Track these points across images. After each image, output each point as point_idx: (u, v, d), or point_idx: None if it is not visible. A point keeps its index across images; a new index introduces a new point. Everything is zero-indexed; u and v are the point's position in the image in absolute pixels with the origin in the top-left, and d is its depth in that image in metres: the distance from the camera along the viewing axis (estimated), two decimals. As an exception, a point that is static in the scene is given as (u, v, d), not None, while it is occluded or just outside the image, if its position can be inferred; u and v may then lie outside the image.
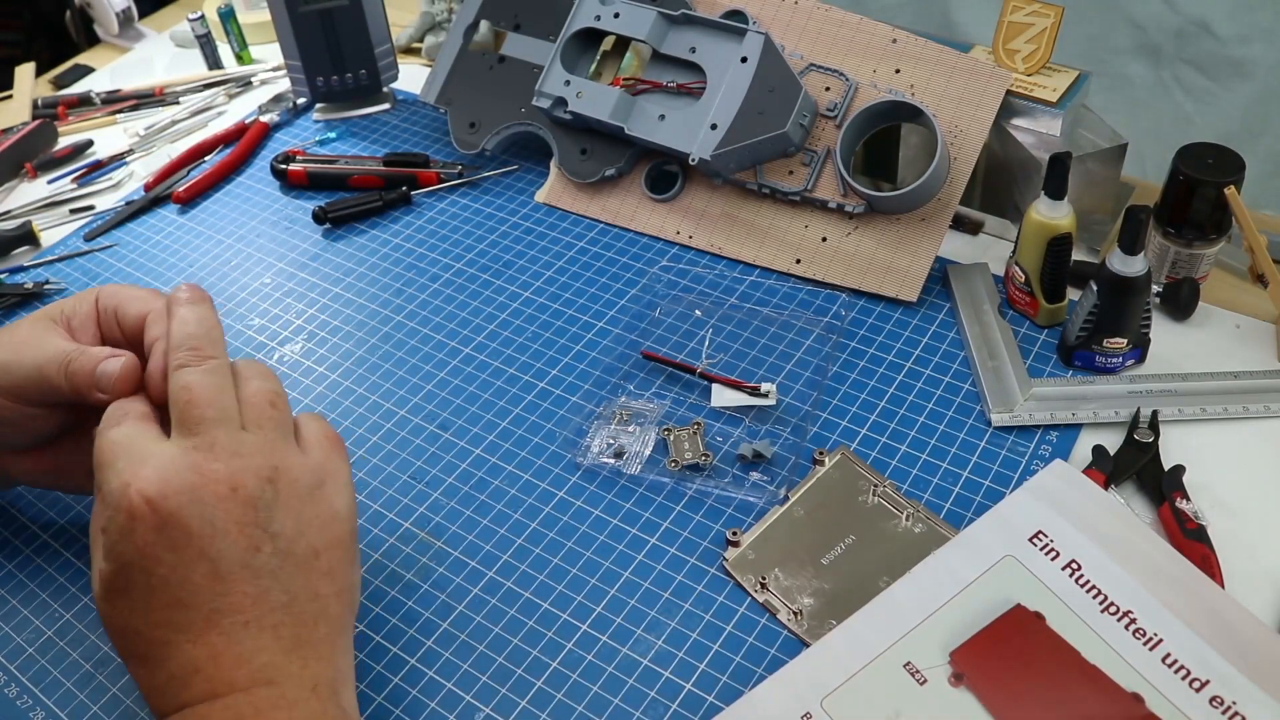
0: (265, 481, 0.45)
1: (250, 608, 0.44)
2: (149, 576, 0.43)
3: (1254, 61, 1.14)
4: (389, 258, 0.79)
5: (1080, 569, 0.51)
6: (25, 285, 0.79)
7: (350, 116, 0.95)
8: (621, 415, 0.63)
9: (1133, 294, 0.60)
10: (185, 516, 0.43)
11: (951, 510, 0.57)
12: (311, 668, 0.44)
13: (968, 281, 0.70)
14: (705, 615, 0.54)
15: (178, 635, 0.43)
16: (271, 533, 0.45)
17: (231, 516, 0.44)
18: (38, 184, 0.93)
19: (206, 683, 0.43)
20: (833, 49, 0.74)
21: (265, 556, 0.44)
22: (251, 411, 0.47)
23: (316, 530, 0.46)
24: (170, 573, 0.43)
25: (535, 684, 0.51)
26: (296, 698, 0.44)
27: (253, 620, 0.44)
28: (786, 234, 0.74)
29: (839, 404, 0.64)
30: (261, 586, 0.44)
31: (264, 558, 0.44)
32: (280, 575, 0.45)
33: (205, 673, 0.43)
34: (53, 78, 1.11)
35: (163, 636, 0.43)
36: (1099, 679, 0.47)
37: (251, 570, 0.44)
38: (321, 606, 0.46)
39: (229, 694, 0.43)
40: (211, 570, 0.43)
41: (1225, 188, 0.63)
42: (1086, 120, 0.71)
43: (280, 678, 0.44)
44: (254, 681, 0.43)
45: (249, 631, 0.44)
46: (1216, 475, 0.58)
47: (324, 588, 0.46)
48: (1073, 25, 0.72)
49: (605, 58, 0.82)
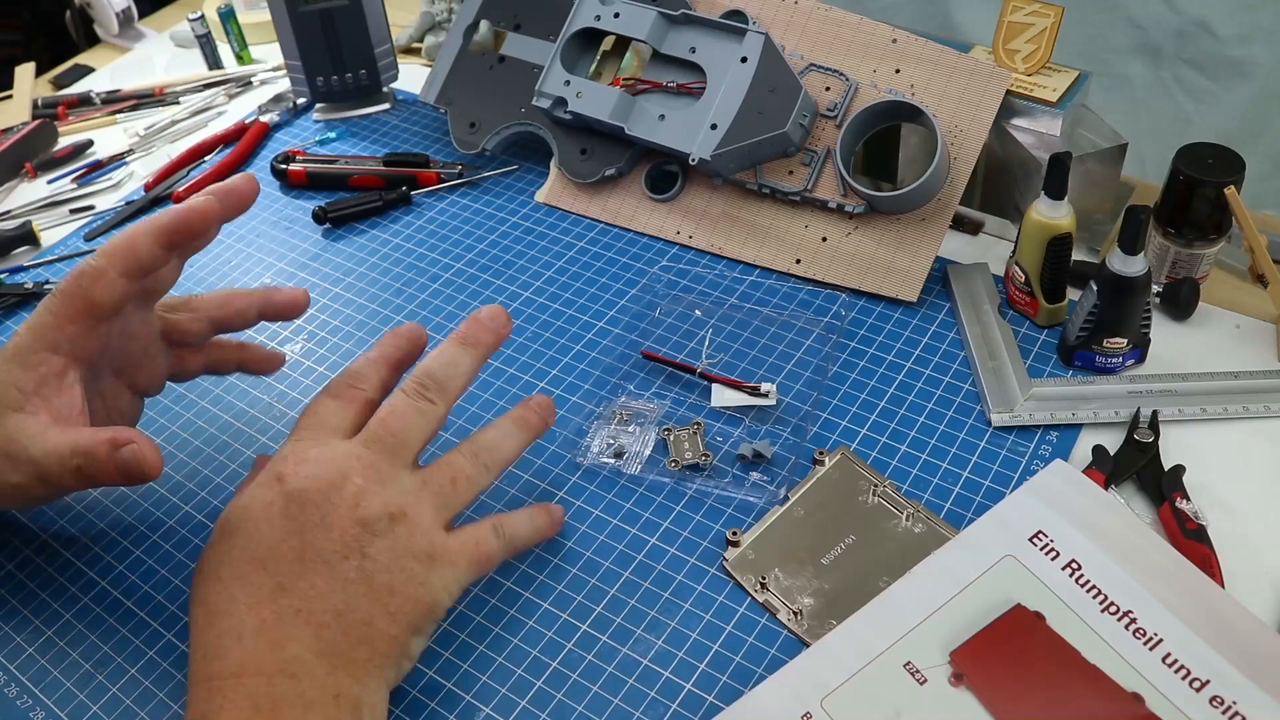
0: (387, 516, 0.48)
1: (310, 598, 0.46)
2: (255, 528, 0.47)
3: (1254, 61, 1.14)
4: (389, 258, 0.79)
5: (1080, 569, 0.51)
6: (25, 285, 0.79)
7: (350, 116, 0.95)
8: (621, 415, 0.63)
9: (1133, 294, 0.60)
10: (307, 499, 0.47)
11: (951, 510, 0.57)
12: (339, 678, 0.45)
13: (968, 281, 0.70)
14: (705, 615, 0.54)
15: (244, 595, 0.46)
16: (365, 553, 0.47)
17: (341, 522, 0.47)
18: (38, 184, 0.93)
19: (240, 656, 0.44)
20: (833, 49, 0.74)
21: (348, 566, 0.47)
22: (430, 472, 0.51)
23: (404, 579, 0.48)
24: (270, 532, 0.47)
25: (535, 684, 0.51)
26: (314, 699, 0.44)
27: (304, 611, 0.45)
28: (786, 234, 0.74)
29: (839, 404, 0.64)
30: (329, 586, 0.46)
31: (347, 566, 0.47)
32: (350, 588, 0.46)
33: (245, 643, 0.45)
34: (53, 78, 1.12)
35: (232, 592, 0.46)
36: (1099, 679, 0.47)
37: (330, 568, 0.46)
38: (369, 634, 0.47)
39: (254, 675, 0.44)
40: (299, 549, 0.46)
41: (1225, 188, 0.63)
42: (1086, 120, 0.71)
43: (304, 675, 0.44)
44: (279, 670, 0.44)
45: (296, 620, 0.45)
46: (1216, 475, 0.58)
47: (380, 621, 0.47)
48: (1073, 25, 0.72)
49: (605, 58, 0.82)
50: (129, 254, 0.52)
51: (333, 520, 0.47)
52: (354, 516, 0.47)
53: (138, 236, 0.52)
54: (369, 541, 0.47)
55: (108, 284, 0.52)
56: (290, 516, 0.47)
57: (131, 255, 0.52)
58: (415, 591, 0.48)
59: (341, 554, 0.47)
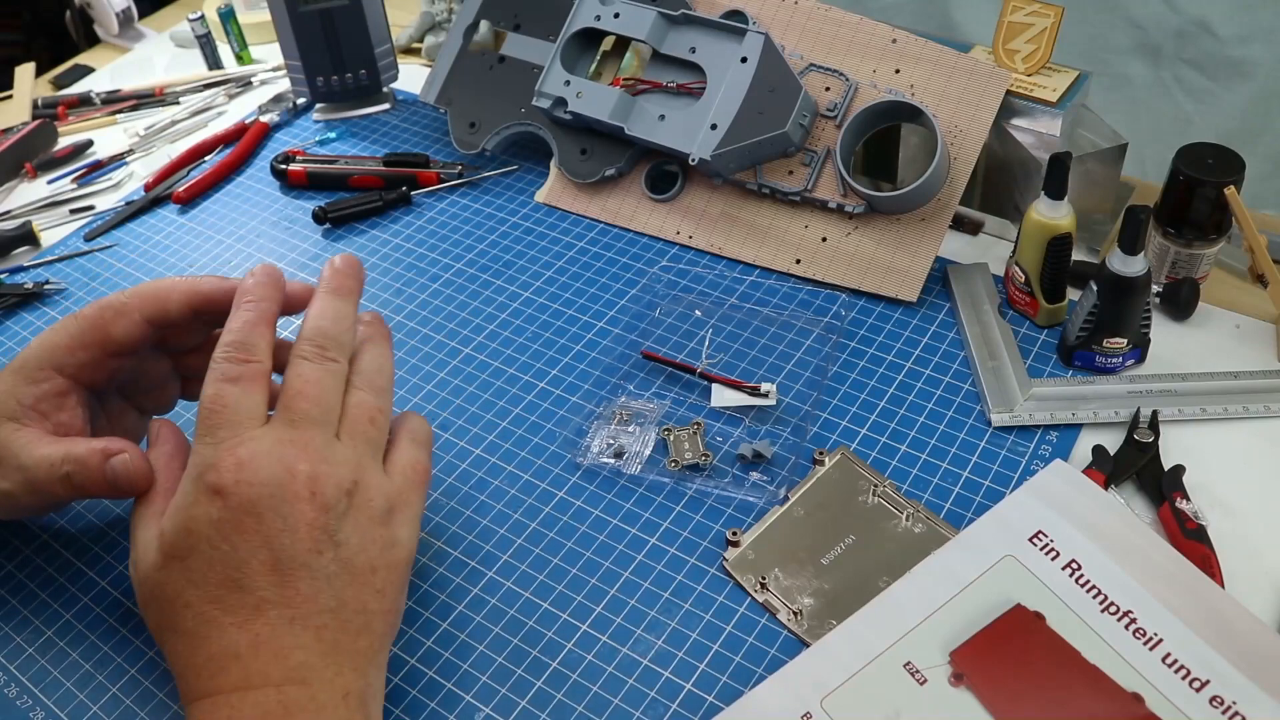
0: (344, 493, 0.46)
1: (299, 605, 0.44)
2: (212, 550, 0.44)
3: (1254, 61, 1.14)
4: (389, 258, 0.79)
5: (1080, 569, 0.51)
6: (25, 285, 0.79)
7: (350, 116, 0.95)
8: (621, 415, 0.63)
9: (1133, 294, 0.60)
10: (262, 508, 0.44)
11: (951, 510, 0.57)
12: (345, 676, 0.45)
13: (968, 281, 0.70)
14: (705, 615, 0.54)
15: (226, 616, 0.44)
16: (336, 541, 0.46)
17: (304, 517, 0.45)
18: (38, 184, 0.93)
19: (242, 671, 0.43)
20: (833, 49, 0.74)
21: (325, 561, 0.45)
22: (350, 423, 0.48)
23: (378, 550, 0.47)
24: (233, 552, 0.44)
25: (535, 684, 0.51)
26: (325, 702, 0.44)
27: (298, 618, 0.44)
28: (786, 234, 0.74)
29: (839, 404, 0.64)
30: (315, 587, 0.45)
31: (324, 561, 0.45)
32: (335, 582, 0.45)
33: (244, 660, 0.43)
34: (53, 78, 1.11)
35: (211, 615, 0.44)
36: (1099, 679, 0.47)
37: (309, 570, 0.45)
38: (366, 621, 0.46)
39: (261, 687, 0.43)
40: (272, 561, 0.44)
41: (1225, 188, 0.63)
42: (1086, 120, 0.71)
43: (314, 679, 0.44)
44: (287, 679, 0.44)
45: (293, 628, 0.44)
46: (1216, 475, 0.58)
47: (373, 604, 0.47)
48: (1073, 25, 0.72)
49: (605, 58, 0.82)
50: (157, 303, 0.52)
51: (295, 520, 0.45)
52: (314, 507, 0.45)
53: (173, 291, 0.53)
54: (336, 527, 0.46)
55: (129, 323, 0.52)
56: (249, 531, 0.44)
57: (159, 305, 0.52)
58: (391, 556, 0.48)
59: (315, 550, 0.45)
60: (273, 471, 0.45)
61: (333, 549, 0.46)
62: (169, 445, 0.51)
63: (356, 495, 0.47)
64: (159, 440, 0.51)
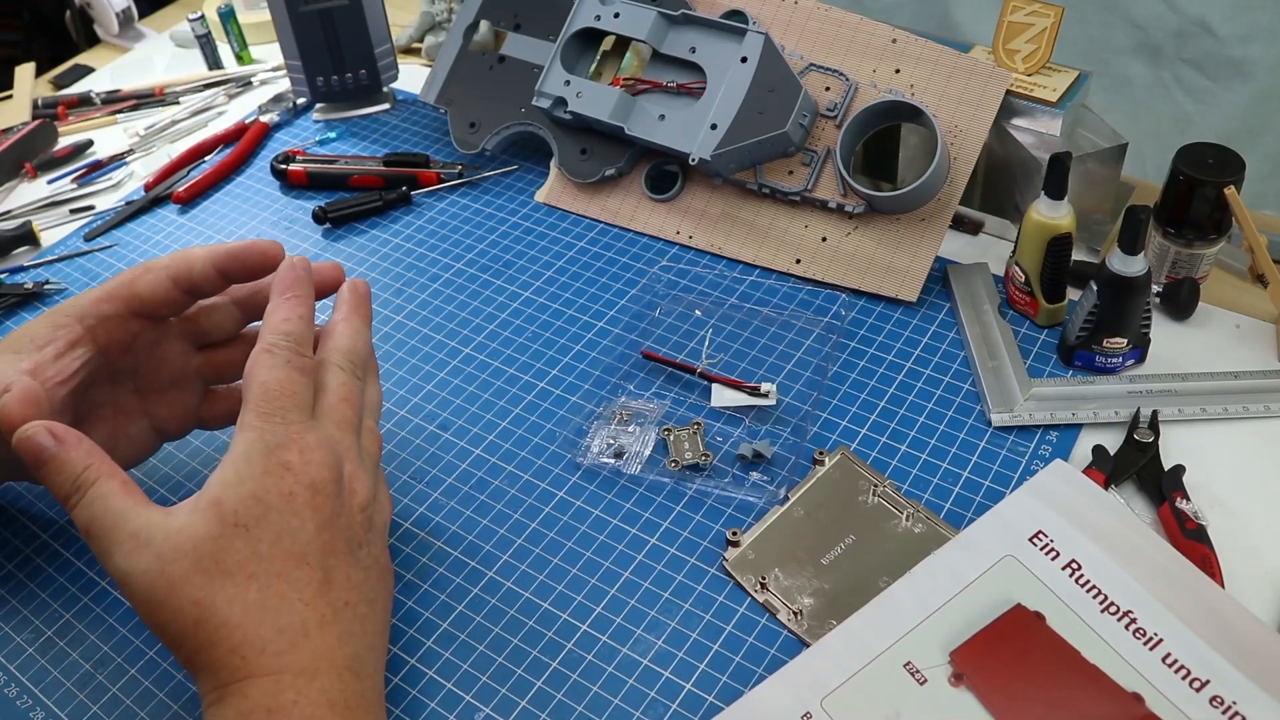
0: (369, 500, 0.49)
1: (349, 591, 0.46)
2: (282, 521, 0.45)
3: (1254, 61, 1.14)
4: (389, 258, 0.79)
5: (1080, 569, 0.51)
6: (25, 285, 0.79)
7: (350, 116, 0.95)
8: (621, 415, 0.63)
9: (1133, 294, 0.60)
10: (328, 491, 0.46)
11: (951, 510, 0.57)
12: (380, 675, 0.47)
13: (968, 281, 0.70)
14: (705, 615, 0.54)
15: (293, 591, 0.44)
16: (370, 540, 0.49)
17: (350, 512, 0.48)
18: (38, 184, 0.93)
19: (311, 650, 0.44)
20: (833, 49, 0.74)
21: (363, 555, 0.48)
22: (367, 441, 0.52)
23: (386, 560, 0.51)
24: (301, 527, 0.45)
25: (535, 684, 0.51)
26: (373, 701, 0.46)
27: (350, 603, 0.46)
28: (786, 234, 0.74)
29: (839, 404, 0.64)
30: (359, 578, 0.47)
31: (362, 555, 0.48)
32: (369, 576, 0.48)
33: (313, 638, 0.44)
34: (53, 78, 1.11)
35: (279, 588, 0.44)
36: (1099, 679, 0.47)
37: (353, 560, 0.47)
38: (388, 619, 0.50)
39: (327, 673, 0.44)
40: (330, 544, 0.46)
41: (1225, 188, 0.63)
42: (1086, 120, 0.71)
43: (365, 674, 0.46)
44: (347, 667, 0.45)
45: (348, 612, 0.46)
46: (1216, 475, 0.58)
47: (390, 603, 0.50)
48: (1073, 25, 0.72)
49: (605, 58, 0.82)
50: (183, 262, 0.54)
51: (346, 511, 0.47)
52: (355, 504, 0.48)
53: (195, 251, 0.54)
54: (368, 526, 0.48)
55: (154, 279, 0.53)
56: (316, 509, 0.46)
57: (184, 264, 0.54)
58: (389, 572, 0.51)
59: (357, 543, 0.47)
60: (332, 461, 0.47)
61: (367, 546, 0.48)
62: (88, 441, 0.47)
63: (371, 507, 0.49)
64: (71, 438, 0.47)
